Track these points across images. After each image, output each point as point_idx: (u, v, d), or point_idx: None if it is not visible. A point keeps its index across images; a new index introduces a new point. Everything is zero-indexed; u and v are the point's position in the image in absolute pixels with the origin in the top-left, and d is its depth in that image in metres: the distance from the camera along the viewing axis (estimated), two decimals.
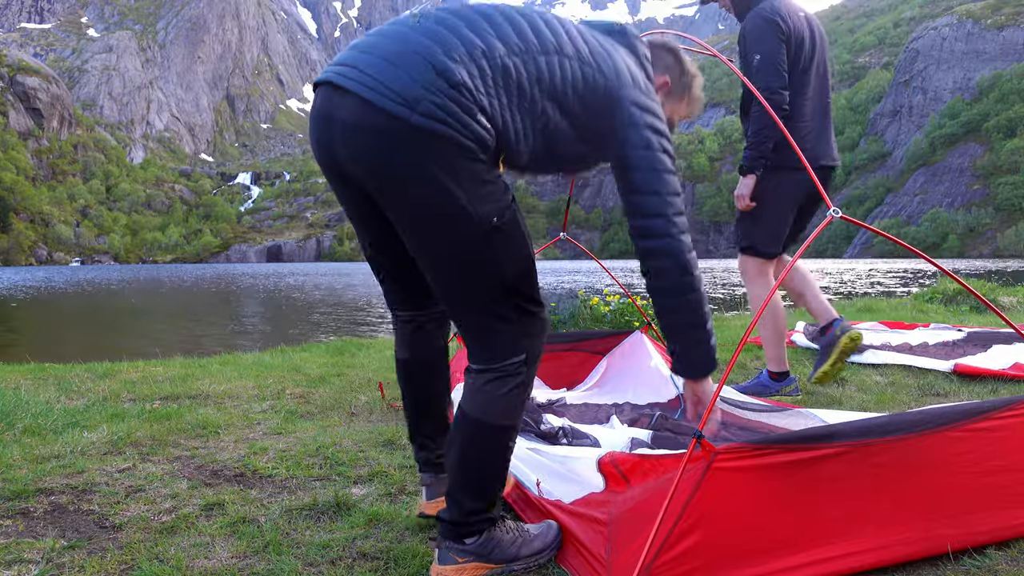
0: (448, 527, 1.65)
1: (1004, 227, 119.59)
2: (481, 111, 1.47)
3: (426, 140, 1.44)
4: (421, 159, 1.46)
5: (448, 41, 1.48)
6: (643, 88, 1.70)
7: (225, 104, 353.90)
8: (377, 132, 1.46)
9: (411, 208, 1.53)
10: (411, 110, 1.43)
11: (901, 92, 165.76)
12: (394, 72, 1.46)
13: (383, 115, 1.45)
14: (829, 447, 1.59)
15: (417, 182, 1.48)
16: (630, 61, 1.72)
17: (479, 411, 1.61)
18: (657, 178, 1.64)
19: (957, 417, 1.73)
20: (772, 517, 1.54)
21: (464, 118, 1.44)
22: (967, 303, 7.27)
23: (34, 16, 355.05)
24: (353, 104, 1.48)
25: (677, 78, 1.95)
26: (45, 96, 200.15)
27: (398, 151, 1.46)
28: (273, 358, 5.03)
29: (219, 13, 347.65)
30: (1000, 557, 1.67)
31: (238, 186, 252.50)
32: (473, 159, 1.48)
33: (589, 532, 1.68)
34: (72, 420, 3.08)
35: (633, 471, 1.72)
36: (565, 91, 1.57)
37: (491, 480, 1.66)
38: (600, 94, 1.62)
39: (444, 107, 1.43)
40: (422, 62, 1.45)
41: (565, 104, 1.58)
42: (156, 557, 1.76)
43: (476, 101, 1.46)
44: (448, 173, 1.47)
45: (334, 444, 2.72)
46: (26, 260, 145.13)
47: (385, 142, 1.46)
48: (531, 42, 1.55)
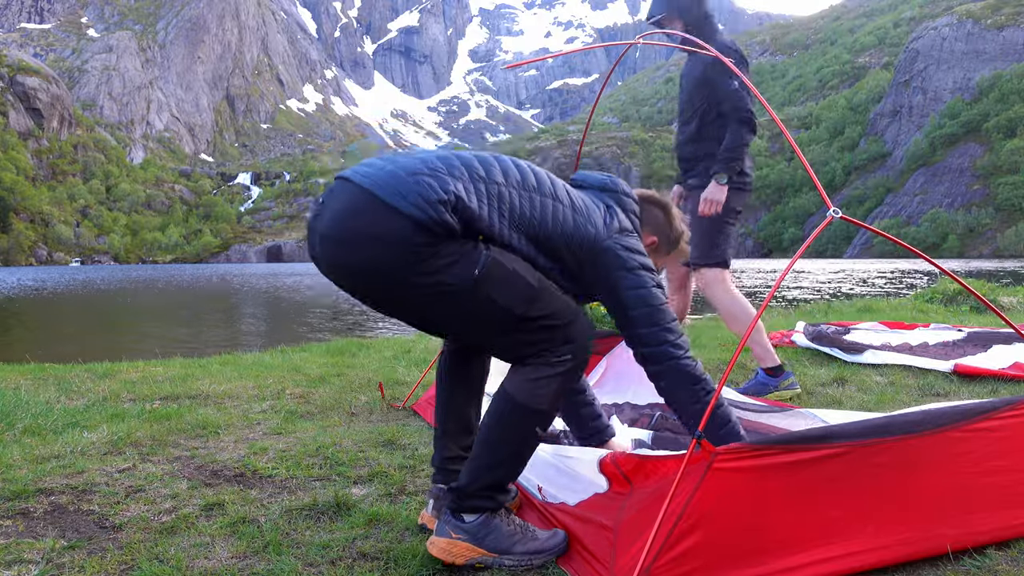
0: (454, 495, 1.72)
1: (1004, 227, 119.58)
2: (472, 220, 1.63)
3: (402, 223, 1.57)
4: (400, 239, 1.57)
5: (452, 163, 1.69)
6: (630, 233, 1.85)
7: (225, 104, 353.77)
8: (367, 214, 1.60)
9: (384, 292, 1.66)
10: (402, 198, 1.58)
11: (901, 92, 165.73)
12: (403, 176, 1.62)
13: (373, 198, 1.60)
14: (829, 447, 1.59)
15: (393, 267, 1.60)
16: (619, 213, 1.87)
17: (515, 387, 1.70)
18: (655, 312, 1.79)
19: (957, 417, 1.73)
20: (772, 517, 1.54)
21: (440, 210, 1.58)
22: (967, 303, 7.27)
23: (34, 16, 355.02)
24: (355, 192, 1.64)
25: (666, 236, 2.06)
26: (45, 96, 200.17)
27: (379, 227, 1.59)
28: (273, 358, 5.03)
29: (219, 13, 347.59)
30: (1000, 557, 1.67)
31: (238, 186, 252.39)
32: (441, 241, 1.60)
33: (594, 537, 1.68)
34: (72, 420, 3.08)
35: (635, 472, 1.72)
36: (554, 233, 1.73)
37: (512, 459, 1.72)
38: (588, 243, 1.77)
39: (429, 201, 1.58)
40: (422, 164, 1.65)
41: (552, 248, 1.74)
42: (156, 557, 1.76)
43: (466, 207, 1.62)
44: (417, 250, 1.58)
45: (334, 444, 2.72)
46: (26, 260, 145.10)
47: (372, 223, 1.60)
48: (530, 182, 1.76)
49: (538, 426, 1.71)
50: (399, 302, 1.70)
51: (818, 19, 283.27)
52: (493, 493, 1.71)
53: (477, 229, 1.65)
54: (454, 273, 1.62)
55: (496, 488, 1.72)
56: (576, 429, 2.27)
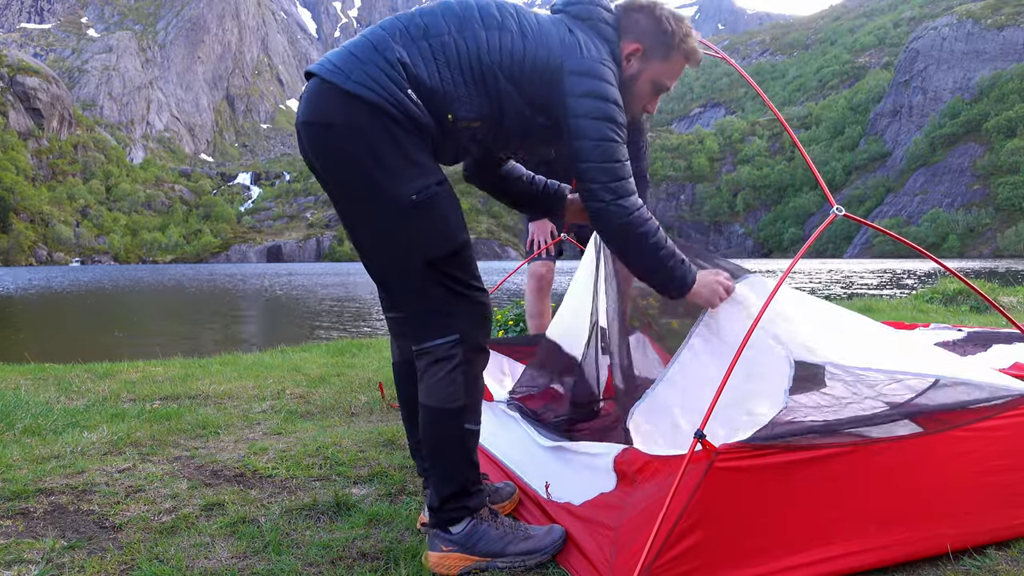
0: (432, 514, 1.72)
1: (1004, 227, 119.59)
2: (416, 86, 1.60)
3: (356, 107, 1.58)
4: (351, 126, 1.59)
5: (395, 27, 1.67)
6: (591, 55, 1.72)
7: (225, 104, 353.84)
8: (320, 100, 1.63)
9: (336, 185, 1.68)
10: (347, 77, 1.59)
11: (901, 92, 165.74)
12: (348, 56, 1.64)
13: (326, 85, 1.62)
14: (829, 447, 1.59)
15: (342, 156, 1.62)
16: (580, 32, 1.76)
17: (425, 395, 1.70)
18: (594, 147, 1.68)
19: (957, 416, 1.73)
20: (773, 517, 1.54)
21: (393, 89, 1.58)
22: (967, 303, 7.27)
23: (34, 16, 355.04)
24: (313, 84, 1.66)
25: (653, 39, 1.85)
26: (45, 96, 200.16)
27: (334, 115, 1.60)
28: (273, 358, 5.03)
29: (219, 13, 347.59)
30: (1000, 557, 1.67)
31: (238, 186, 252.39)
32: (400, 133, 1.60)
33: (595, 535, 1.67)
34: (72, 420, 3.08)
35: (642, 471, 1.72)
36: (504, 61, 1.67)
37: (458, 463, 1.70)
38: (541, 65, 1.69)
39: (376, 78, 1.59)
40: (368, 45, 1.64)
41: (509, 73, 1.67)
42: (156, 557, 1.76)
43: (411, 76, 1.61)
44: (371, 147, 1.59)
45: (334, 444, 2.72)
46: (26, 260, 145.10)
47: (323, 107, 1.62)
48: (474, 19, 1.68)
49: (465, 422, 1.70)
50: (338, 198, 1.69)
51: (818, 19, 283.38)
52: (461, 501, 1.71)
53: (429, 94, 1.61)
54: (396, 183, 1.60)
55: (461, 495, 1.71)
56: (531, 208, 2.17)
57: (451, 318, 1.67)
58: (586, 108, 1.68)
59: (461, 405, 1.68)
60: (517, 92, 1.69)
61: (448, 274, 1.67)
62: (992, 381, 1.85)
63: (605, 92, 1.70)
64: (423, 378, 1.70)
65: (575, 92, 1.68)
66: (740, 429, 1.70)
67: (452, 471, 1.70)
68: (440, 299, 1.67)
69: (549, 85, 1.69)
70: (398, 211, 1.61)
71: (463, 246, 1.69)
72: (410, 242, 1.64)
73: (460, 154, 1.80)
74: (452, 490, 1.70)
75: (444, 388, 1.67)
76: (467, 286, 1.69)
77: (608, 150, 1.69)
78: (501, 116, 1.70)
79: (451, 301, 1.67)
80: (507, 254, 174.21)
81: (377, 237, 1.68)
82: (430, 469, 1.73)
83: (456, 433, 1.70)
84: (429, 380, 1.69)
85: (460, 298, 1.68)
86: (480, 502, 1.74)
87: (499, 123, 1.72)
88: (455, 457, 1.70)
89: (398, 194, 1.60)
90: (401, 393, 1.98)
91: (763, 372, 1.85)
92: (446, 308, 1.67)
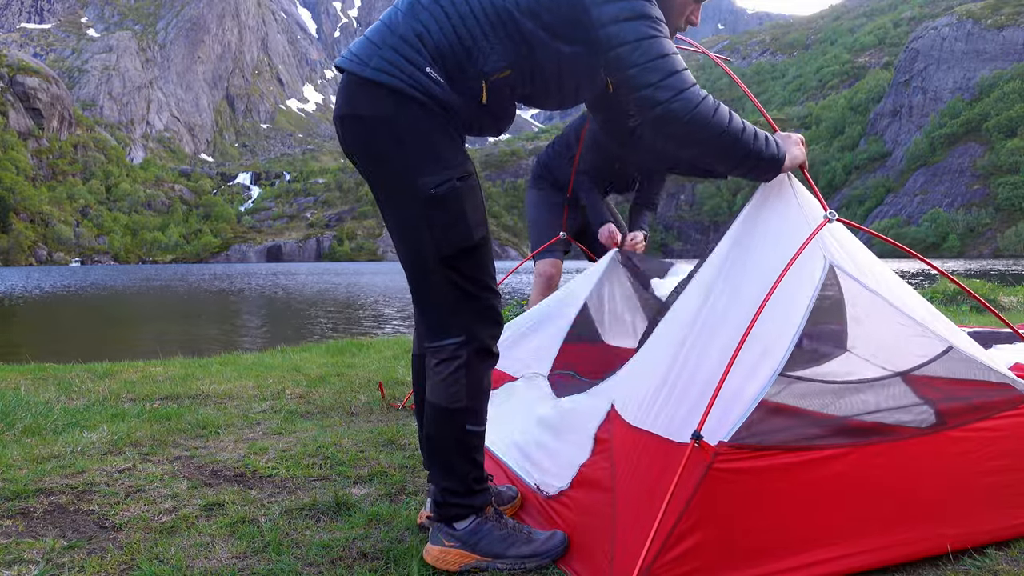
0: (433, 507, 1.74)
1: (1004, 227, 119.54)
2: (437, 58, 1.58)
3: (379, 94, 1.58)
4: (377, 116, 1.60)
5: (414, 2, 1.64)
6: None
7: (225, 104, 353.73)
8: (346, 92, 1.64)
9: (369, 176, 1.69)
10: (365, 65, 1.60)
11: (901, 92, 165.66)
12: (366, 43, 1.65)
13: (350, 76, 1.64)
14: (829, 448, 1.59)
15: (372, 148, 1.64)
16: None
17: (430, 392, 1.72)
18: (633, 49, 1.56)
19: (957, 416, 1.73)
20: (772, 517, 1.53)
21: (411, 70, 1.57)
22: (967, 303, 7.27)
23: (34, 16, 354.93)
24: (343, 78, 1.67)
25: None
26: (45, 96, 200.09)
27: (361, 107, 1.61)
28: (273, 358, 5.03)
29: (219, 13, 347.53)
30: (1000, 557, 1.67)
31: (238, 186, 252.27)
32: (425, 119, 1.59)
33: (595, 536, 1.68)
34: (72, 420, 3.08)
35: (622, 457, 1.72)
36: (531, 5, 1.61)
37: (459, 460, 1.71)
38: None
39: (393, 61, 1.58)
40: (383, 28, 1.65)
41: (527, 8, 1.61)
42: (156, 557, 1.76)
43: (431, 47, 1.59)
44: (397, 137, 1.60)
45: (334, 444, 2.72)
46: (26, 260, 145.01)
47: (350, 99, 1.63)
48: None
49: (466, 423, 1.70)
50: (373, 189, 1.71)
51: (818, 19, 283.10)
52: (463, 498, 1.71)
53: (453, 58, 1.59)
54: (418, 175, 1.60)
55: (462, 492, 1.71)
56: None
57: (459, 318, 1.67)
58: (613, 12, 1.56)
59: (462, 406, 1.69)
60: (540, 27, 1.62)
61: (463, 273, 1.66)
62: (999, 368, 1.85)
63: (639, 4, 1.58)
64: (430, 375, 1.72)
65: (597, 1, 1.58)
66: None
67: (453, 467, 1.72)
68: (451, 298, 1.67)
69: (569, 6, 1.60)
70: (417, 203, 1.62)
71: (479, 244, 1.67)
72: (427, 236, 1.64)
73: (501, 120, 1.73)
74: (452, 484, 1.71)
75: (447, 388, 1.68)
76: (480, 287, 1.68)
77: (650, 47, 1.56)
78: (531, 57, 1.64)
79: (461, 301, 1.67)
80: (507, 254, 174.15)
81: (400, 229, 1.69)
82: (431, 459, 1.76)
83: (457, 433, 1.70)
84: (435, 378, 1.70)
85: (470, 299, 1.68)
86: (485, 501, 1.75)
87: (531, 66, 1.65)
88: (456, 455, 1.71)
89: (418, 186, 1.61)
90: (416, 385, 2.01)
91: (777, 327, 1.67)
92: (455, 308, 1.67)
